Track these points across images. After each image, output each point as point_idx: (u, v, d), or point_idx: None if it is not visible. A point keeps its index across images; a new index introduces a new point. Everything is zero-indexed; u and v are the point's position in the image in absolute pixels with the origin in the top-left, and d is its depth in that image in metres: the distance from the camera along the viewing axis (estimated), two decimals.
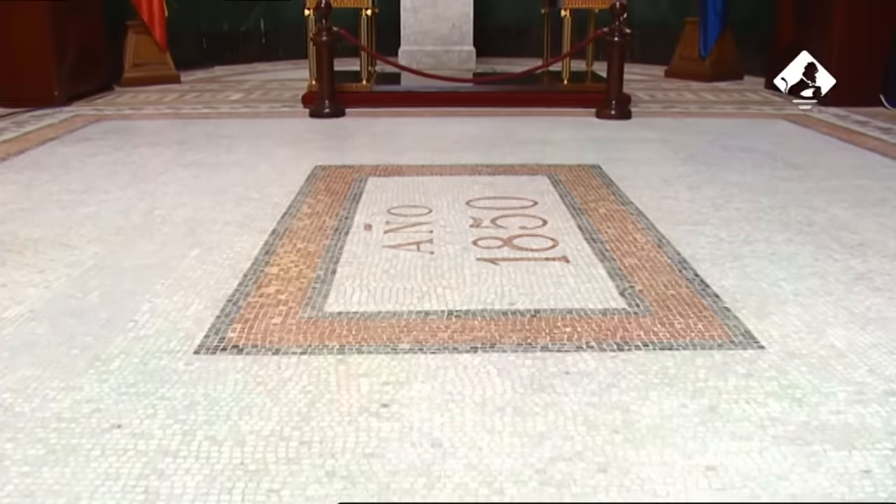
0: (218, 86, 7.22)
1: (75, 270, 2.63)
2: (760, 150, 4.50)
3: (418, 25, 7.87)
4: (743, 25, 7.58)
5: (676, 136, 4.89)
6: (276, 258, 2.72)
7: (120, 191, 3.63)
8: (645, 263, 2.68)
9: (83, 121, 5.44)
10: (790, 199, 3.51)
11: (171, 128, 5.35)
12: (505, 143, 4.67)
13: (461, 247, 2.83)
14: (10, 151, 4.47)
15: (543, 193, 3.53)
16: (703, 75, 7.41)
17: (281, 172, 3.91)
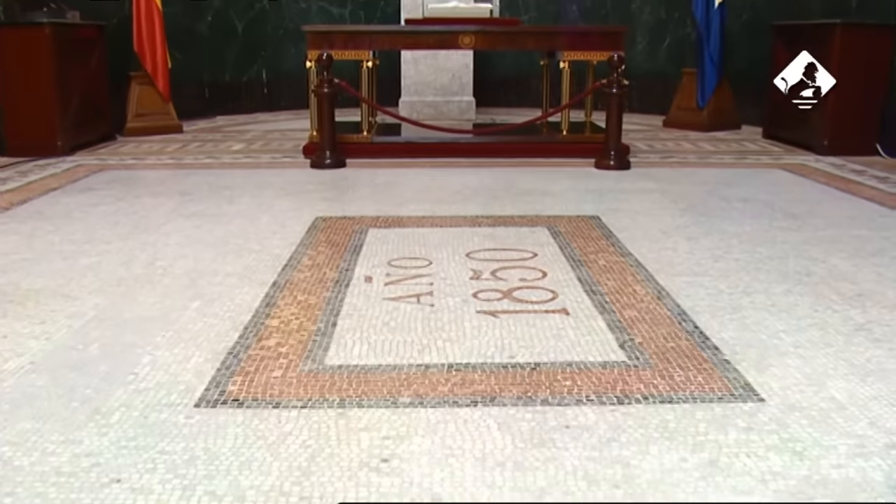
0: (220, 136, 7.28)
1: (76, 322, 2.64)
2: (758, 200, 4.53)
3: (419, 76, 7.97)
4: (739, 76, 7.68)
5: (675, 187, 4.92)
6: (277, 310, 2.73)
7: (122, 241, 3.64)
8: (645, 315, 2.69)
9: (86, 170, 5.49)
10: (788, 249, 3.53)
11: (173, 178, 5.38)
12: (505, 194, 4.70)
13: (461, 299, 2.84)
14: (14, 201, 4.50)
15: (543, 245, 3.54)
16: (701, 125, 7.48)
17: (282, 224, 3.93)
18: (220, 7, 8.80)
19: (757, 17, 7.81)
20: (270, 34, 9.20)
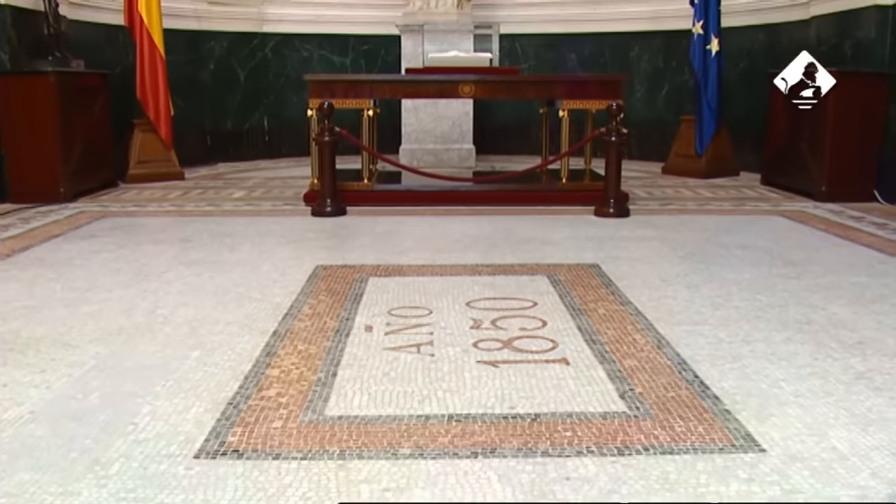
0: (221, 183, 7.32)
1: (76, 371, 2.64)
2: (758, 248, 4.54)
3: (419, 124, 8.03)
4: (737, 123, 7.75)
5: (674, 234, 4.93)
6: (278, 360, 2.73)
7: (123, 289, 3.65)
8: (645, 365, 2.69)
9: (88, 217, 5.51)
10: (788, 296, 3.53)
11: (174, 225, 5.40)
12: (504, 242, 4.71)
13: (461, 349, 2.84)
14: (15, 248, 4.52)
15: (543, 294, 3.55)
16: (700, 172, 7.52)
17: (282, 272, 3.94)
18: (222, 55, 8.90)
19: (754, 65, 7.90)
20: (272, 82, 9.29)
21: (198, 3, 8.66)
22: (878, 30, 6.25)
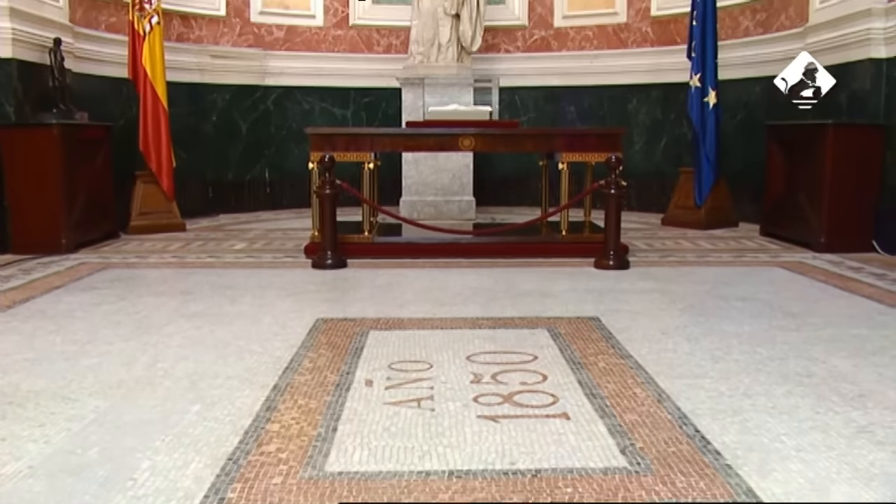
0: (222, 234, 7.35)
1: (76, 425, 2.63)
2: (757, 299, 4.54)
3: (419, 176, 8.08)
4: (736, 175, 7.81)
5: (674, 286, 4.94)
6: (278, 414, 2.72)
7: (123, 342, 3.65)
8: (645, 419, 2.68)
9: (89, 269, 5.52)
10: (788, 349, 3.53)
11: (175, 277, 5.42)
12: (505, 295, 4.72)
13: (462, 404, 2.83)
14: (16, 299, 4.52)
15: (543, 347, 3.54)
16: (699, 223, 7.55)
17: (283, 325, 3.94)
18: (224, 107, 9.00)
19: (751, 117, 7.99)
20: (274, 134, 9.38)
21: (201, 56, 8.77)
22: (873, 82, 6.34)
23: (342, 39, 9.62)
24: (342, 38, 9.61)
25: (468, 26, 8.32)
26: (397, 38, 9.58)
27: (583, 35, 9.53)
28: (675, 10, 8.72)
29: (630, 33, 9.30)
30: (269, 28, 9.36)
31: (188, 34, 8.75)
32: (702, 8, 7.42)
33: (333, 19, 9.59)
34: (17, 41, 6.22)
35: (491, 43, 9.45)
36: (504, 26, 9.63)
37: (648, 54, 9.12)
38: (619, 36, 9.36)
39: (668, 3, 8.92)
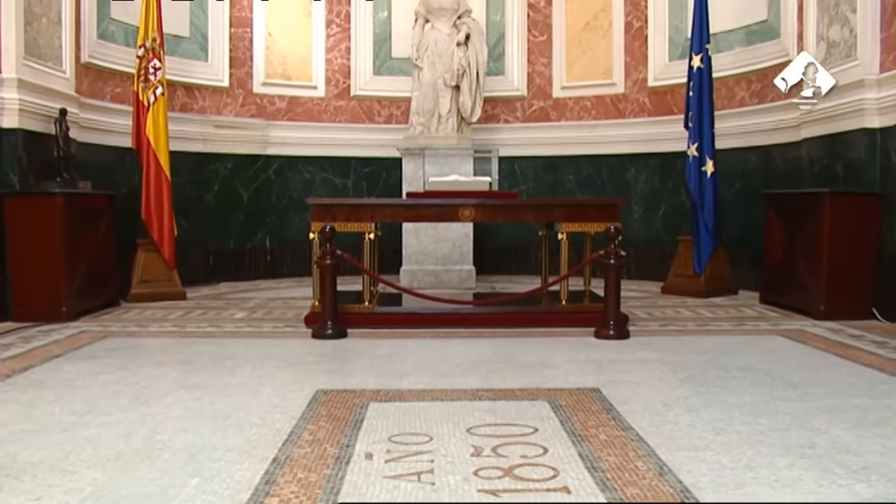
0: (223, 303, 7.36)
1: (73, 498, 2.61)
2: (758, 369, 4.53)
3: (419, 246, 8.13)
4: (734, 242, 7.86)
5: (675, 356, 4.93)
6: (277, 488, 2.70)
7: (122, 413, 3.64)
8: (647, 493, 2.66)
9: (89, 337, 5.52)
10: (790, 420, 3.51)
11: (175, 346, 5.42)
12: (505, 366, 4.70)
13: (462, 477, 2.81)
14: (15, 368, 4.51)
15: (544, 419, 3.53)
16: (699, 291, 7.57)
17: (283, 397, 3.93)
18: (226, 177, 9.09)
19: (749, 185, 8.07)
20: (275, 203, 9.45)
21: (204, 126, 8.89)
22: (867, 151, 6.42)
23: (343, 110, 9.75)
24: (343, 109, 9.75)
25: (468, 97, 8.44)
26: (398, 108, 9.73)
27: (581, 105, 9.67)
28: (672, 80, 8.86)
29: (628, 103, 9.44)
30: (271, 98, 9.50)
31: (192, 104, 8.88)
32: (698, 79, 7.54)
33: (335, 90, 9.74)
34: (23, 111, 6.31)
35: (490, 113, 9.58)
36: (503, 97, 9.78)
37: (646, 124, 9.24)
38: (617, 106, 9.49)
39: (664, 74, 9.07)
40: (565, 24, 9.75)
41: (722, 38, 8.28)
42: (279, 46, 9.53)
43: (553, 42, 9.78)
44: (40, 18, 6.63)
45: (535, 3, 9.82)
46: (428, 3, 8.62)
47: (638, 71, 9.34)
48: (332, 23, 9.72)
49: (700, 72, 7.54)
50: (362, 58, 9.75)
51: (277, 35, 9.52)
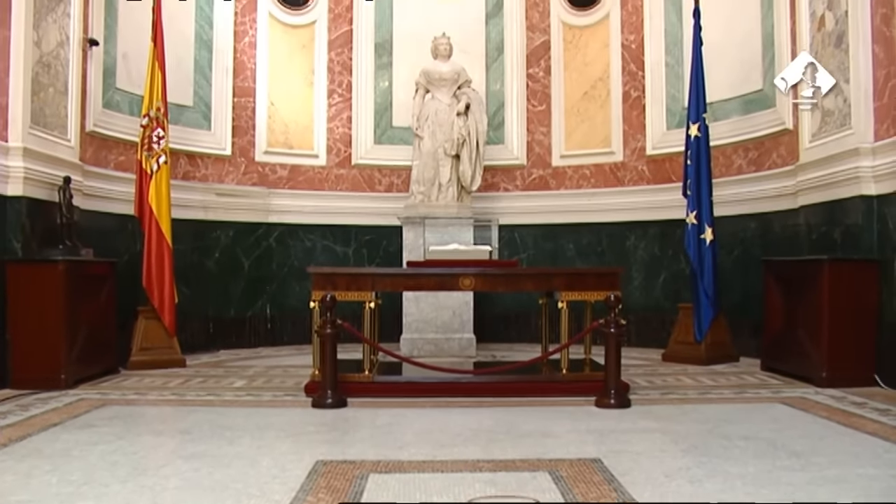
0: (222, 371, 7.34)
1: None
2: (761, 438, 4.50)
3: (420, 314, 8.13)
4: (734, 309, 7.87)
5: (676, 425, 4.91)
6: None
7: (120, 484, 3.60)
8: None
9: (88, 405, 5.49)
10: (793, 490, 3.48)
11: (174, 415, 5.39)
12: (506, 436, 4.67)
13: None
14: (13, 437, 4.48)
15: (545, 491, 3.49)
16: (700, 359, 7.56)
17: (282, 468, 3.89)
18: (227, 244, 9.14)
19: (747, 253, 8.11)
20: (276, 271, 9.48)
21: (206, 194, 8.97)
22: (865, 218, 6.47)
23: (345, 178, 9.84)
24: (345, 177, 9.84)
25: (468, 166, 8.53)
26: (398, 177, 9.81)
27: (580, 174, 9.76)
28: (670, 149, 8.96)
29: (626, 172, 9.52)
30: (273, 167, 9.59)
31: (194, 172, 8.97)
32: (695, 147, 7.63)
33: (336, 159, 9.83)
34: (28, 179, 6.38)
35: (490, 182, 9.66)
36: (503, 165, 9.87)
37: (645, 192, 9.31)
38: (616, 174, 9.58)
39: (662, 142, 9.17)
40: (564, 94, 9.90)
41: (718, 106, 8.39)
42: (281, 115, 9.66)
43: (552, 111, 9.91)
44: (47, 88, 6.75)
45: (533, 74, 9.97)
46: (428, 74, 8.76)
47: (636, 139, 9.45)
48: (334, 92, 9.87)
49: (697, 140, 7.63)
50: (363, 127, 9.88)
51: (280, 104, 9.66)
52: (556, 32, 9.94)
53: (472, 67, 9.38)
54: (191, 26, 8.96)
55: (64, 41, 7.01)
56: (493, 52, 10.00)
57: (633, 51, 9.48)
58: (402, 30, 9.94)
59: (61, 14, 6.96)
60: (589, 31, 9.84)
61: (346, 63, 9.90)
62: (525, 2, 10.02)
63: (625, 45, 9.55)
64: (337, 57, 9.89)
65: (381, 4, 9.95)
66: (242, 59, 9.43)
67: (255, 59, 9.53)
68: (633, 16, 9.51)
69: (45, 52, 6.69)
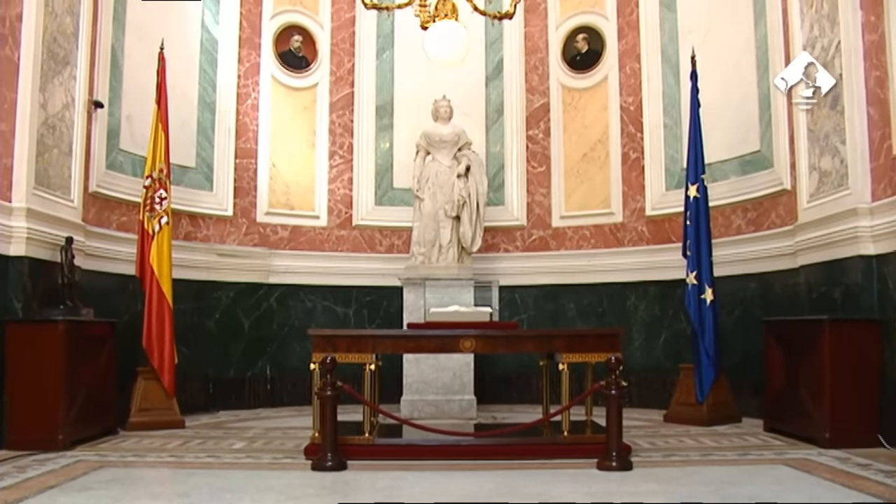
0: (222, 432, 7.29)
1: None
2: (764, 501, 4.45)
3: (420, 375, 8.12)
4: (736, 370, 7.85)
5: (679, 488, 4.86)
6: None
7: None
8: None
9: (85, 467, 5.44)
10: None
11: (173, 478, 5.35)
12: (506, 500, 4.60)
13: None
14: (9, 500, 4.43)
15: None
16: (702, 420, 7.50)
17: None
18: (228, 305, 9.14)
19: (748, 313, 8.11)
20: (276, 332, 9.47)
21: (208, 254, 9.00)
22: (864, 277, 6.48)
23: (345, 239, 9.88)
24: (345, 238, 9.88)
25: (468, 228, 8.57)
26: (399, 238, 9.85)
27: (580, 234, 9.80)
28: (669, 209, 9.01)
29: (626, 232, 9.56)
30: (274, 228, 9.63)
31: (196, 233, 9.01)
32: (694, 208, 7.67)
33: (337, 220, 9.89)
34: (30, 240, 6.41)
35: (491, 243, 9.70)
36: (503, 226, 9.92)
37: (645, 252, 9.34)
38: (616, 235, 9.62)
39: (661, 203, 9.23)
40: (563, 155, 9.98)
41: (717, 167, 8.46)
42: (283, 176, 9.74)
43: (552, 172, 9.98)
44: (52, 149, 6.82)
45: (533, 135, 10.07)
46: (429, 136, 8.85)
47: (636, 200, 9.50)
48: (335, 154, 9.96)
49: (696, 201, 7.67)
50: (364, 188, 9.95)
51: (281, 165, 9.74)
52: (556, 95, 10.06)
53: (473, 129, 9.50)
54: (194, 89, 9.08)
55: (69, 103, 7.10)
56: (493, 114, 10.12)
57: (632, 113, 9.59)
58: (402, 92, 10.07)
59: (67, 77, 7.06)
60: (588, 94, 9.96)
61: (348, 125, 10.01)
62: (525, 65, 10.16)
63: (623, 107, 9.66)
64: (338, 119, 10.00)
65: (383, 67, 10.11)
66: (245, 120, 9.54)
67: (258, 120, 9.65)
68: (631, 78, 9.63)
69: (50, 113, 6.78)
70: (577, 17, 10.04)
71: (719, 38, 8.68)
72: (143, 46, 8.18)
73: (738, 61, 8.47)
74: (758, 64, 8.24)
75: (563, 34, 10.09)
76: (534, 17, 10.18)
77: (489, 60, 10.19)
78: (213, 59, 9.30)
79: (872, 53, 6.52)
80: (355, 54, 10.08)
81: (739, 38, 8.46)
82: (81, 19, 7.28)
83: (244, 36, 9.58)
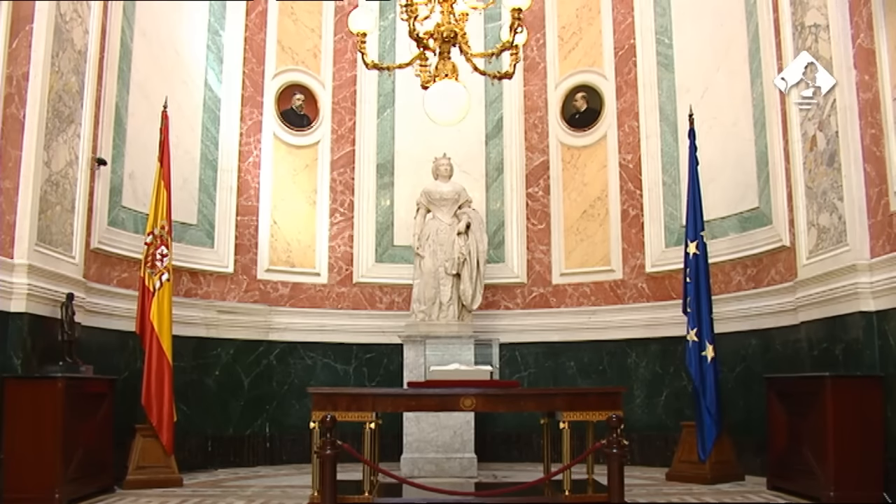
0: (220, 491, 7.22)
1: None
2: None
3: (420, 434, 8.08)
4: (738, 427, 7.80)
5: None
6: None
7: None
8: None
9: None
10: None
11: None
12: None
13: None
14: None
15: None
16: (704, 478, 7.43)
17: None
18: (228, 362, 9.11)
19: (749, 370, 8.08)
20: (275, 389, 9.41)
21: (208, 311, 8.99)
22: (865, 334, 6.46)
23: (346, 296, 9.88)
24: (345, 296, 9.88)
25: (468, 285, 8.59)
26: (399, 295, 9.85)
27: (580, 291, 9.80)
28: (669, 266, 9.02)
29: (626, 289, 9.56)
30: (274, 285, 9.64)
31: (196, 290, 9.01)
32: (694, 265, 7.69)
33: (337, 277, 9.90)
34: (31, 296, 6.42)
35: (491, 300, 9.70)
36: (504, 284, 9.93)
37: (645, 309, 9.33)
38: (616, 292, 9.62)
39: (661, 260, 9.24)
40: (563, 213, 10.02)
41: (716, 224, 8.50)
42: (284, 234, 9.78)
43: (552, 230, 10.02)
44: (55, 206, 6.86)
45: (533, 193, 10.13)
46: (429, 194, 8.92)
47: (635, 257, 9.52)
48: (336, 211, 10.00)
49: (696, 258, 7.70)
50: (365, 245, 9.98)
51: (282, 223, 9.78)
52: (555, 153, 10.14)
53: (473, 187, 9.57)
54: (197, 146, 9.16)
55: (73, 160, 7.17)
56: (493, 172, 10.19)
57: (631, 170, 9.66)
58: (403, 150, 10.15)
59: (72, 134, 7.14)
60: (587, 152, 10.04)
61: (349, 182, 10.07)
62: (524, 123, 10.26)
63: (622, 165, 9.73)
64: (339, 176, 10.07)
65: (384, 125, 10.20)
66: (246, 178, 9.61)
67: (259, 178, 9.71)
68: (629, 136, 9.71)
69: (54, 171, 6.84)
70: (575, 76, 10.17)
71: (717, 97, 8.78)
72: (146, 104, 8.29)
73: (735, 119, 8.57)
74: (755, 122, 8.32)
75: (562, 93, 10.20)
76: (533, 76, 10.31)
77: (489, 119, 10.29)
78: (216, 117, 9.40)
79: (867, 111, 6.60)
80: (356, 113, 10.18)
81: (737, 96, 8.56)
82: (87, 78, 7.39)
83: (246, 94, 9.70)
